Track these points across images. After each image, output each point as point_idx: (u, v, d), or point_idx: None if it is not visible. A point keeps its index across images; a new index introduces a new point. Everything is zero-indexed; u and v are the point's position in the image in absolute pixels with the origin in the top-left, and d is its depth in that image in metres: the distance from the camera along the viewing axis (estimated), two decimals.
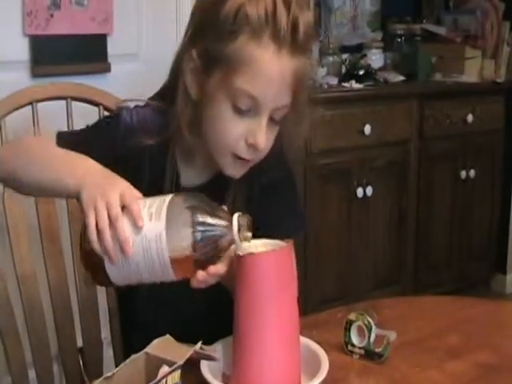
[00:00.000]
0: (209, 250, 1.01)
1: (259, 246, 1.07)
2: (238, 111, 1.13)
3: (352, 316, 1.23)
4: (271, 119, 1.16)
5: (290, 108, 1.18)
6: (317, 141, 2.96)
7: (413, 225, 3.35)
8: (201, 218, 1.00)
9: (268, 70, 1.10)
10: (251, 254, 1.02)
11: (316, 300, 2.97)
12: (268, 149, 1.19)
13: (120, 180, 1.04)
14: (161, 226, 0.98)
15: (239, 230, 1.03)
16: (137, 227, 0.97)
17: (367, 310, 1.25)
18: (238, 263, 1.04)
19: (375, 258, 3.23)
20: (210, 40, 1.13)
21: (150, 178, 1.24)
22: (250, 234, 1.04)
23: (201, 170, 1.29)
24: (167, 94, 1.23)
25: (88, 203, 1.00)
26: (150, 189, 1.08)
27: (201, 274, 1.03)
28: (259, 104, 1.13)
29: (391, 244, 3.29)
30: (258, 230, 1.08)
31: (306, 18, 1.12)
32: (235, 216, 1.03)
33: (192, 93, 1.18)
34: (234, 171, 1.22)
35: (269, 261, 1.02)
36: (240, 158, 1.18)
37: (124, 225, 0.98)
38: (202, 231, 0.99)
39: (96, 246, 0.99)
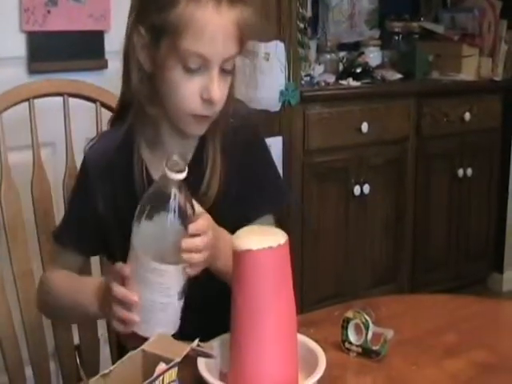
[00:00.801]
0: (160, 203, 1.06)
1: (255, 233, 1.07)
2: (189, 71, 1.19)
3: (349, 314, 1.23)
4: (223, 70, 1.21)
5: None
6: (314, 139, 2.96)
7: (410, 223, 3.35)
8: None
9: (210, 25, 1.16)
10: (248, 250, 1.01)
11: (313, 298, 2.97)
12: (223, 100, 1.24)
13: (108, 286, 1.14)
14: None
15: (168, 165, 1.06)
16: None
17: (364, 307, 1.25)
18: (236, 260, 1.04)
19: (372, 256, 3.23)
20: (153, 13, 1.19)
21: (121, 177, 1.30)
22: (179, 162, 1.06)
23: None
24: (125, 82, 1.28)
25: (105, 316, 1.18)
26: (123, 186, 1.19)
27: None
28: (208, 59, 1.18)
29: (388, 242, 3.29)
30: (241, 210, 1.23)
31: None
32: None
33: (146, 68, 1.23)
34: (197, 129, 1.27)
35: (266, 257, 1.02)
36: (199, 116, 1.23)
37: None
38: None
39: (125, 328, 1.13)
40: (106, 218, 1.30)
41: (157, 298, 1.10)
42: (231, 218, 1.23)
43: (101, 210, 1.31)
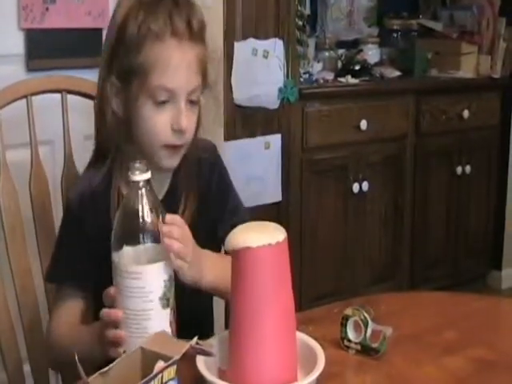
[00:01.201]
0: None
1: (253, 230, 1.07)
2: (159, 105, 1.28)
3: (348, 311, 1.23)
4: (190, 102, 1.30)
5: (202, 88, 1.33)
6: (313, 136, 2.96)
7: (409, 220, 3.36)
8: None
9: (173, 60, 1.27)
10: (247, 248, 1.01)
11: (312, 296, 2.97)
12: (192, 130, 1.32)
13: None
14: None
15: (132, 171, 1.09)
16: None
17: (363, 305, 1.25)
18: (234, 257, 1.03)
19: (371, 253, 3.24)
20: (122, 60, 1.29)
21: (103, 212, 1.32)
22: (141, 167, 1.09)
23: None
24: (99, 130, 1.37)
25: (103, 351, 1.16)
26: (105, 220, 1.22)
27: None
28: (174, 92, 1.27)
29: (387, 239, 3.29)
30: (211, 229, 1.36)
31: (197, 14, 1.31)
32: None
33: (120, 112, 1.32)
34: (170, 161, 1.33)
35: (265, 255, 1.02)
36: (171, 147, 1.31)
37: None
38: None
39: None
40: (95, 250, 1.30)
41: (139, 305, 1.08)
42: (204, 239, 1.29)
43: (89, 243, 1.33)
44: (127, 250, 1.09)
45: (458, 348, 1.26)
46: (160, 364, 0.90)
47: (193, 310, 1.29)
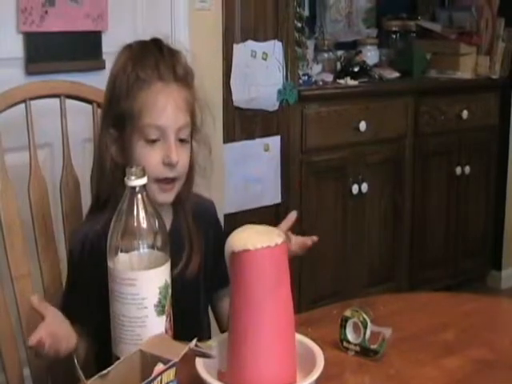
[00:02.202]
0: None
1: (252, 233, 1.07)
2: (150, 142, 1.36)
3: (347, 313, 1.23)
4: (180, 140, 1.38)
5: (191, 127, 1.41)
6: (312, 137, 2.96)
7: (408, 221, 3.35)
8: None
9: (160, 100, 1.35)
10: (246, 250, 1.01)
11: (311, 297, 2.97)
12: (185, 165, 1.39)
13: None
14: None
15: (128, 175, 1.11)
16: None
17: (362, 306, 1.25)
18: (233, 260, 1.03)
19: (370, 254, 3.24)
20: (116, 108, 1.38)
21: (101, 259, 1.30)
22: (138, 171, 1.11)
23: None
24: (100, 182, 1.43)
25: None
26: (104, 270, 1.19)
27: None
28: (163, 129, 1.35)
29: (386, 240, 3.29)
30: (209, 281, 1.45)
31: (182, 61, 1.40)
32: None
33: (118, 159, 1.40)
34: (164, 196, 1.39)
35: (264, 257, 1.02)
36: (164, 182, 1.37)
37: None
38: None
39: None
40: (98, 293, 1.28)
41: (133, 312, 1.08)
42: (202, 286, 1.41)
43: (91, 287, 1.34)
44: (122, 256, 1.09)
45: (457, 348, 1.26)
46: (159, 366, 0.90)
47: (189, 316, 1.29)
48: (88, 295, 1.36)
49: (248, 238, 1.05)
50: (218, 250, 1.25)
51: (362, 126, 3.07)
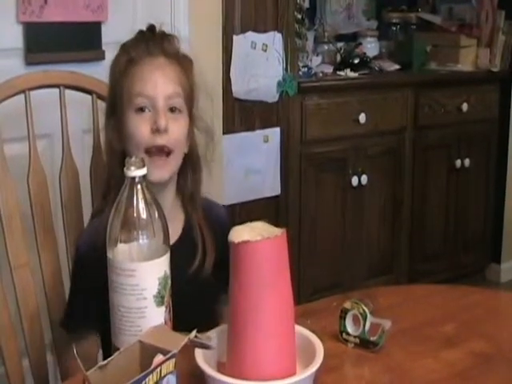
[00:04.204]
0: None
1: (251, 228, 1.06)
2: (139, 111, 1.36)
3: (347, 305, 1.23)
4: (172, 110, 1.37)
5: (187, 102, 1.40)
6: (312, 129, 2.96)
7: (407, 214, 3.35)
8: None
9: (147, 69, 1.37)
10: (246, 241, 1.01)
11: (310, 289, 2.97)
12: (176, 135, 1.37)
13: None
14: None
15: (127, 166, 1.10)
16: None
17: (362, 298, 1.25)
18: (233, 251, 1.03)
19: (370, 246, 3.24)
20: (114, 96, 1.40)
21: None
22: (137, 161, 1.10)
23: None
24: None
25: None
26: None
27: None
28: (151, 97, 1.35)
29: (386, 233, 3.29)
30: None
31: (172, 41, 1.42)
32: None
33: (118, 146, 1.40)
34: (158, 172, 1.36)
35: (264, 249, 1.02)
36: (155, 152, 1.35)
37: None
38: None
39: None
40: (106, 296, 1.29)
41: (133, 303, 1.08)
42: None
43: (100, 290, 1.27)
44: (122, 246, 1.09)
45: (456, 341, 1.26)
46: (159, 357, 0.90)
47: (189, 308, 1.29)
48: (98, 298, 1.27)
49: (248, 231, 1.05)
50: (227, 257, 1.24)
51: (362, 117, 3.07)
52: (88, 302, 1.37)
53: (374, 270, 3.25)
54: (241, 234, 1.05)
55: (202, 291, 1.41)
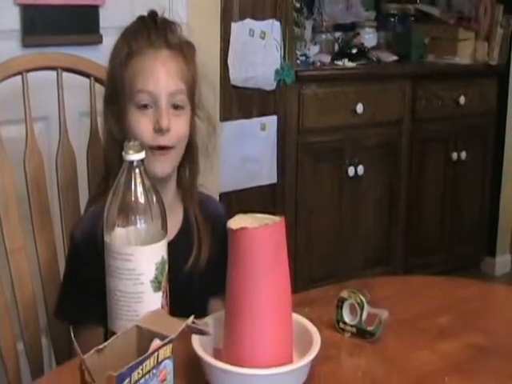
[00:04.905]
0: None
1: (249, 219, 1.06)
2: (141, 108, 1.34)
3: (344, 294, 1.23)
4: (175, 107, 1.35)
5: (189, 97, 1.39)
6: (309, 118, 2.96)
7: (404, 205, 3.36)
8: None
9: (151, 65, 1.34)
10: (244, 228, 1.00)
11: (305, 279, 2.98)
12: (179, 133, 1.36)
13: None
14: None
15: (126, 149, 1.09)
16: None
17: (359, 288, 1.25)
18: (231, 238, 1.03)
19: (365, 237, 3.24)
20: (114, 85, 1.38)
21: None
22: (136, 145, 1.09)
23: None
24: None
25: None
26: None
27: None
28: (154, 94, 1.33)
29: (382, 224, 3.30)
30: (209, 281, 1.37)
31: (176, 30, 1.39)
32: None
33: (118, 136, 1.36)
34: (160, 166, 1.35)
35: (262, 235, 1.01)
36: (157, 150, 1.34)
37: None
38: None
39: None
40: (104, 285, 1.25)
41: (130, 287, 1.08)
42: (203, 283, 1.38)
43: (98, 280, 1.24)
44: (119, 231, 1.08)
45: (452, 333, 1.26)
46: (156, 342, 0.89)
47: (186, 293, 1.29)
48: (97, 287, 1.22)
49: (247, 219, 1.05)
50: (223, 255, 1.21)
51: (359, 108, 3.06)
52: (84, 293, 1.35)
53: (369, 261, 3.25)
54: (239, 221, 1.05)
55: (198, 285, 1.40)
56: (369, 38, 3.45)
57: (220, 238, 1.40)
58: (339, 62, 3.16)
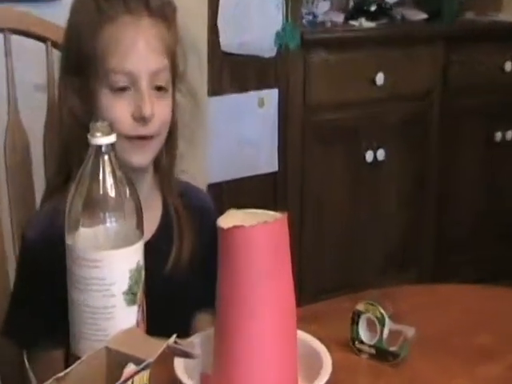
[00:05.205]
0: None
1: (244, 216, 1.07)
2: (117, 92, 1.34)
3: (361, 307, 1.24)
4: (157, 88, 1.36)
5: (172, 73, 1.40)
6: (317, 91, 2.96)
7: (433, 197, 3.37)
8: None
9: (128, 38, 1.33)
10: (239, 227, 1.01)
11: (313, 289, 2.99)
12: (163, 120, 1.37)
13: None
14: None
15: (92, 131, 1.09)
16: None
17: (379, 299, 1.25)
18: (222, 239, 1.03)
19: (386, 237, 3.25)
20: (77, 52, 1.37)
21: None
22: (103, 126, 1.09)
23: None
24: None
25: None
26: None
27: None
28: (133, 74, 1.33)
29: (407, 219, 3.31)
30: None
31: None
32: None
33: (82, 116, 1.37)
34: (139, 157, 1.37)
35: (260, 236, 1.02)
36: (137, 139, 1.35)
37: None
38: None
39: None
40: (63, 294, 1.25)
41: (98, 301, 1.07)
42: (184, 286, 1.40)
43: (56, 288, 1.25)
44: (85, 231, 1.08)
45: (493, 354, 1.26)
46: (130, 368, 0.90)
47: (167, 306, 1.29)
48: (54, 296, 1.25)
49: (241, 215, 1.06)
50: (211, 260, 1.19)
51: (380, 78, 3.07)
52: (40, 307, 1.35)
53: (391, 265, 3.27)
54: (232, 218, 1.05)
55: (181, 293, 1.41)
56: None
57: (208, 239, 1.40)
58: (355, 22, 3.17)
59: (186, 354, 1.03)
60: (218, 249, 1.05)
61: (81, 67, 1.37)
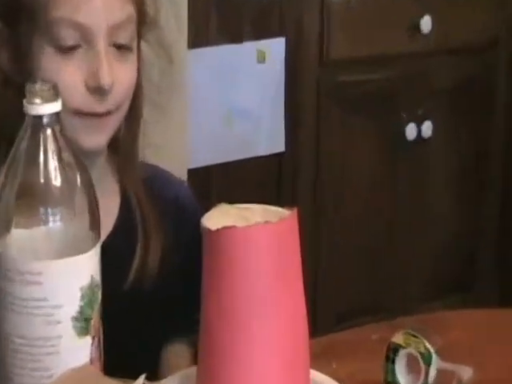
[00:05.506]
0: None
1: (237, 214, 1.08)
2: (65, 51, 1.36)
3: (398, 339, 1.25)
4: (118, 47, 1.38)
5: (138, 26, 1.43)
6: (338, 43, 2.96)
7: (497, 184, 3.38)
8: None
9: None
10: (231, 227, 1.02)
11: (331, 313, 3.00)
12: (125, 89, 1.41)
13: None
14: None
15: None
16: None
17: (423, 328, 1.26)
18: (207, 242, 1.04)
19: (434, 239, 3.26)
20: None
21: None
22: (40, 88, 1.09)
23: None
24: None
25: None
26: None
27: None
28: (86, 29, 1.35)
29: (461, 218, 3.32)
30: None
31: None
32: None
33: (12, 73, 1.40)
34: (91, 137, 1.40)
35: (260, 240, 1.03)
36: (89, 116, 1.38)
37: None
38: None
39: None
40: None
41: (37, 330, 1.07)
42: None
43: None
44: (19, 233, 1.09)
45: None
46: None
47: (131, 333, 1.31)
48: None
49: (232, 211, 1.07)
50: (190, 270, 1.23)
51: (426, 24, 3.07)
52: None
53: (438, 283, 3.28)
54: (221, 216, 1.06)
55: (148, 316, 1.43)
56: None
57: (184, 241, 1.46)
58: None
59: None
60: (203, 256, 1.06)
61: (11, 13, 1.39)
